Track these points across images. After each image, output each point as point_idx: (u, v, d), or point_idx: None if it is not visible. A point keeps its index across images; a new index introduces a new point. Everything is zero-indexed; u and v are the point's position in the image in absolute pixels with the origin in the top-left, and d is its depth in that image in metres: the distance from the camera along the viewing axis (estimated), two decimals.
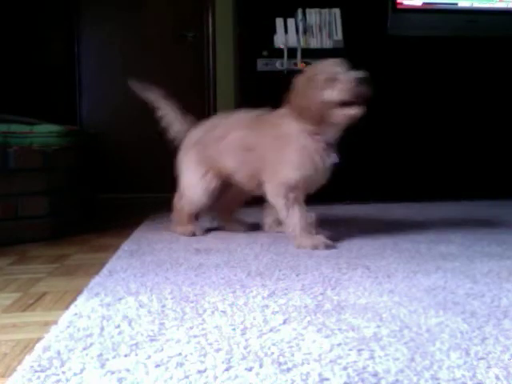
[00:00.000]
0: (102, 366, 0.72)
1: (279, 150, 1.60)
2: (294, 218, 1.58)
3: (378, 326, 0.87)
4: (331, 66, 1.54)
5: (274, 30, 2.76)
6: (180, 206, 1.85)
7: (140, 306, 1.00)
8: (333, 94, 1.50)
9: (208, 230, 1.90)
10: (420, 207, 2.53)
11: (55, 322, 0.91)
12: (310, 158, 1.57)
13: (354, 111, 1.51)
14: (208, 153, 1.76)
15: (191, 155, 1.82)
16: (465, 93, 2.88)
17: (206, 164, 1.78)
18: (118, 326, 0.88)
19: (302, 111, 1.55)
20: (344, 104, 1.51)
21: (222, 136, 1.73)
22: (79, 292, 1.11)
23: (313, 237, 1.56)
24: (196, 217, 1.88)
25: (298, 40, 2.75)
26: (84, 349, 0.78)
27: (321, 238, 1.56)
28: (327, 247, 1.53)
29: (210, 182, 1.78)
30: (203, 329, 0.87)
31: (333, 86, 1.50)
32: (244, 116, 1.76)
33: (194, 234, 1.81)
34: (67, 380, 0.68)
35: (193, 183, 1.81)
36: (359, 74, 1.49)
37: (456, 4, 2.88)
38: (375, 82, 1.48)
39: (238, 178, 1.73)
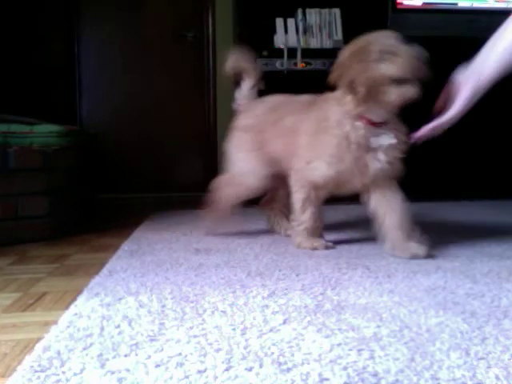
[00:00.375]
0: (102, 366, 0.72)
1: (315, 135, 1.45)
2: (305, 215, 1.53)
3: (378, 326, 0.87)
4: (386, 38, 1.35)
5: (274, 30, 2.76)
6: (224, 194, 1.71)
7: (140, 305, 1.00)
8: (391, 68, 1.31)
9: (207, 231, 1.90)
10: (420, 207, 2.53)
11: (55, 322, 0.91)
12: (349, 149, 1.39)
13: (411, 91, 1.33)
14: (263, 137, 1.64)
15: (246, 138, 1.69)
16: None
17: (261, 149, 1.65)
18: (118, 326, 0.88)
19: (348, 86, 1.36)
20: (400, 81, 1.32)
21: (276, 120, 1.61)
22: (79, 292, 1.11)
23: (314, 239, 1.55)
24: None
25: (298, 40, 2.75)
26: (84, 349, 0.78)
27: (321, 241, 1.55)
28: (327, 249, 1.53)
29: (266, 169, 1.65)
30: (203, 329, 0.87)
31: (390, 59, 1.31)
32: (301, 99, 1.62)
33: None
34: (67, 380, 0.68)
35: (247, 168, 1.68)
36: (419, 49, 1.32)
37: (456, 4, 2.88)
38: None
39: (284, 166, 1.61)
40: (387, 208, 1.47)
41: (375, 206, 1.49)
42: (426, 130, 1.42)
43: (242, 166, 1.71)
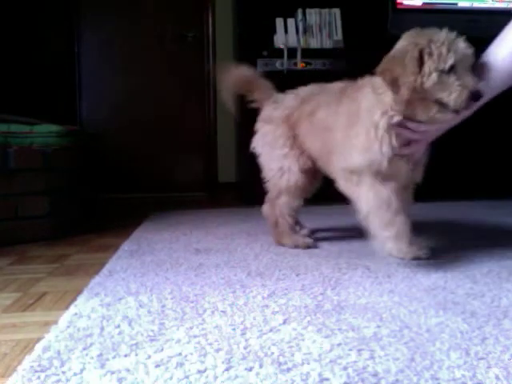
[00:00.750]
0: (102, 366, 0.72)
1: (347, 129, 1.34)
2: (367, 197, 1.29)
3: (378, 326, 0.87)
4: (456, 46, 1.19)
5: (274, 30, 2.76)
6: (276, 212, 1.57)
7: (140, 305, 1.00)
8: (445, 96, 1.18)
9: (207, 231, 1.90)
10: (420, 207, 2.53)
11: (55, 322, 0.91)
12: (380, 139, 1.26)
13: (451, 119, 1.23)
14: (298, 131, 1.52)
15: (280, 132, 1.54)
16: None
17: (297, 144, 1.53)
18: (118, 326, 0.88)
19: (391, 83, 1.22)
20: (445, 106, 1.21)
21: (311, 113, 1.48)
22: (79, 292, 1.11)
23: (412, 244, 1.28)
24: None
25: (298, 40, 2.75)
26: (84, 349, 0.78)
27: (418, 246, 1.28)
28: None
29: (305, 165, 1.52)
30: (203, 329, 0.87)
31: (446, 84, 1.17)
32: (333, 89, 1.47)
33: (308, 246, 1.56)
34: (67, 380, 0.68)
35: (286, 166, 1.53)
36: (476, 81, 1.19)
37: (456, 4, 2.88)
38: None
39: (320, 164, 1.50)
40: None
41: None
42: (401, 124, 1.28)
43: (278, 165, 1.55)
